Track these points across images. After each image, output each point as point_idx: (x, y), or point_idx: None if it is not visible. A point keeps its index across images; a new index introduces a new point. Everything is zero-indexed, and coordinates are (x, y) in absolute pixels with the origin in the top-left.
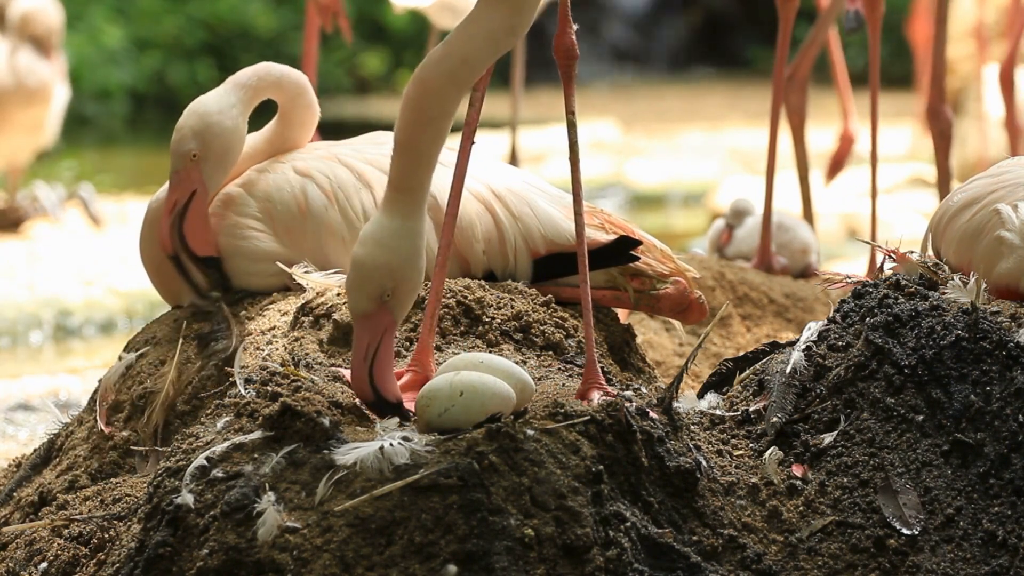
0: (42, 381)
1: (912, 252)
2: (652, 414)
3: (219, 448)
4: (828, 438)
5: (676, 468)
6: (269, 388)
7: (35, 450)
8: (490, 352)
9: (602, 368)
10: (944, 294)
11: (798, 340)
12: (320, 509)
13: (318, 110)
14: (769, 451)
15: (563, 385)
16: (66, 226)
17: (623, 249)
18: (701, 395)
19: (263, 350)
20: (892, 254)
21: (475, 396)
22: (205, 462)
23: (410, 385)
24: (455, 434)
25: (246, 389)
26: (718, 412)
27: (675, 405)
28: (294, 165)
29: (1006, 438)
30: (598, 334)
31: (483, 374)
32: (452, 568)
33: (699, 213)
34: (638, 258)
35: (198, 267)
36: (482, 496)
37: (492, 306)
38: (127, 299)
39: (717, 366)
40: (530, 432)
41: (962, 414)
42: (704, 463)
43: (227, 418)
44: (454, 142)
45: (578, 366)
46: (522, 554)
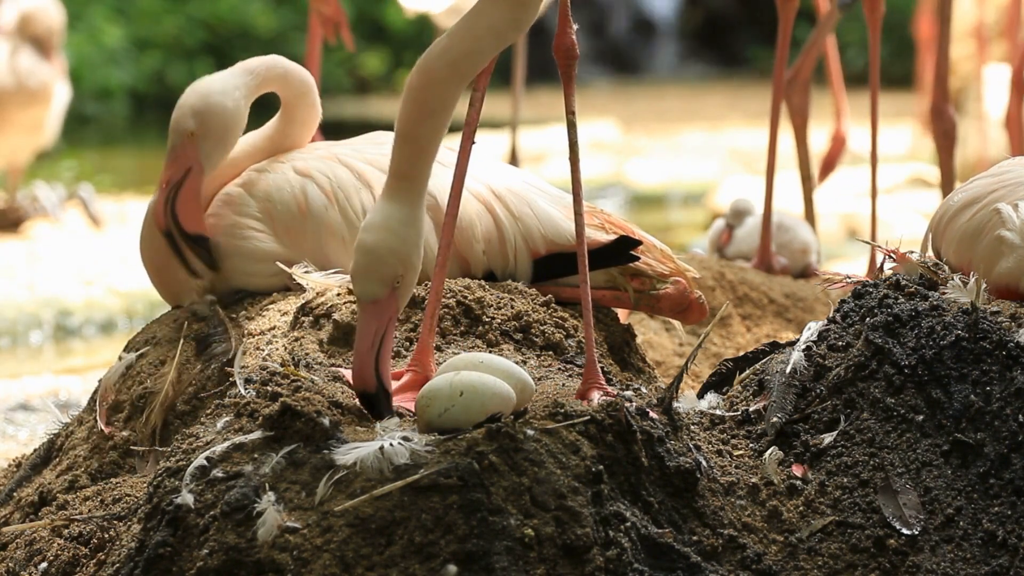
0: (42, 381)
1: (912, 252)
2: (652, 414)
3: (219, 448)
4: (828, 438)
5: (676, 468)
6: (269, 388)
7: (35, 450)
8: (490, 352)
9: (602, 368)
10: (944, 294)
11: (798, 340)
12: (320, 509)
13: (320, 111)
14: (769, 451)
15: (563, 385)
16: (66, 226)
17: (623, 249)
18: (701, 395)
19: (263, 350)
20: (892, 254)
21: (475, 396)
22: (205, 462)
23: (410, 385)
24: (455, 434)
25: (246, 389)
26: (718, 412)
27: (675, 405)
28: (294, 165)
29: (1006, 438)
30: (598, 334)
31: (483, 374)
32: (452, 568)
33: (699, 213)
34: (638, 258)
35: (187, 245)
36: (482, 496)
37: (492, 306)
38: (127, 299)
39: (717, 366)
40: (530, 432)
41: (962, 414)
42: (704, 463)
43: (227, 418)
44: (454, 142)
45: (578, 366)
46: (522, 554)
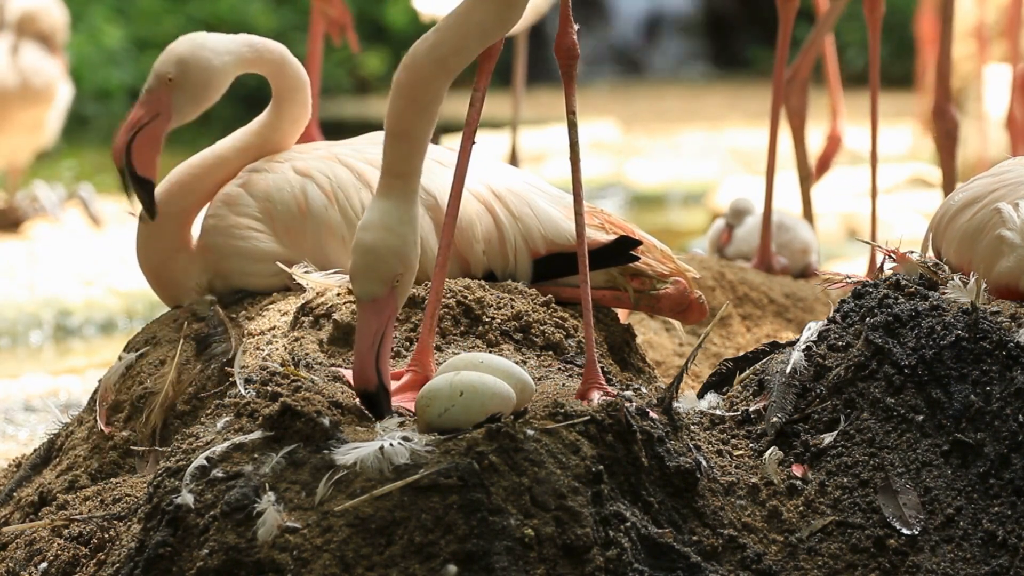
0: (42, 381)
1: (912, 252)
2: (652, 414)
3: (219, 448)
4: (828, 438)
5: (676, 468)
6: (269, 388)
7: (35, 450)
8: (490, 352)
9: (602, 368)
10: (944, 294)
11: (798, 340)
12: (320, 509)
13: (310, 112)
14: (769, 451)
15: (563, 385)
16: (66, 226)
17: (623, 249)
18: (701, 395)
19: (263, 350)
20: (892, 254)
21: (475, 396)
22: (205, 462)
23: (410, 385)
24: (455, 434)
25: (246, 389)
26: (718, 412)
27: (675, 405)
28: (294, 165)
29: (1006, 438)
30: (598, 334)
31: (483, 374)
32: (452, 568)
33: (699, 213)
34: (638, 258)
35: (134, 186)
36: (482, 496)
37: (492, 306)
38: (127, 299)
39: (717, 366)
40: (530, 432)
41: (962, 414)
42: (704, 463)
43: (227, 418)
44: (454, 142)
45: (578, 366)
46: (522, 554)
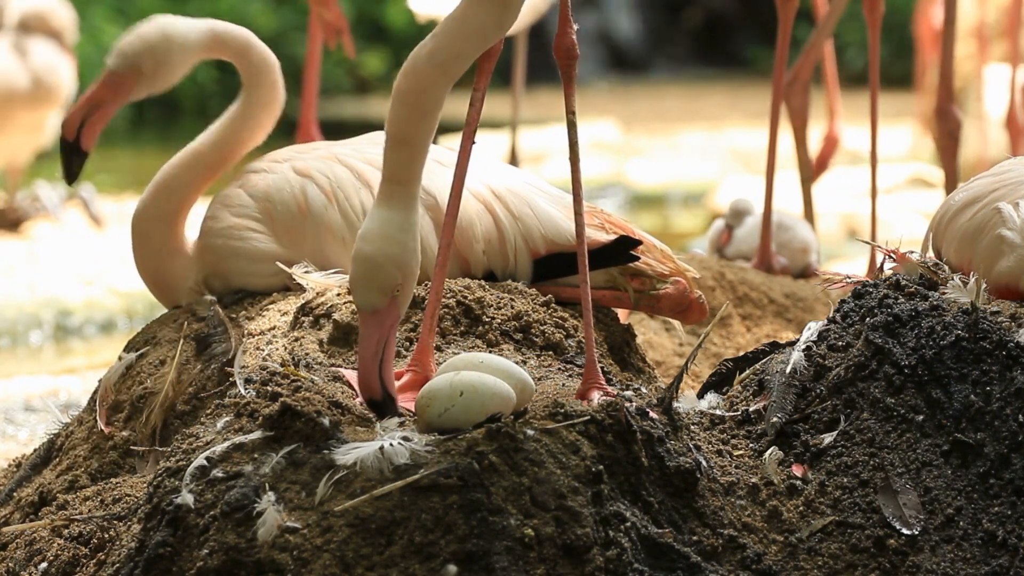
0: (42, 381)
1: (912, 252)
2: (652, 414)
3: (219, 448)
4: (828, 438)
5: (676, 468)
6: (269, 388)
7: (35, 450)
8: (490, 352)
9: (602, 368)
10: (944, 294)
11: (798, 340)
12: (320, 509)
13: (281, 95)
14: (769, 451)
15: (563, 385)
16: (66, 226)
17: (623, 249)
18: (701, 395)
19: (263, 350)
20: (892, 254)
21: (475, 396)
22: (205, 462)
23: (410, 385)
24: (455, 434)
25: (246, 389)
26: (718, 412)
27: (675, 405)
28: (293, 165)
29: (1006, 438)
30: (598, 334)
31: (483, 374)
32: (452, 568)
33: (699, 213)
34: (638, 258)
35: (73, 156)
36: (482, 496)
37: (492, 306)
38: (127, 299)
39: (717, 366)
40: (530, 432)
41: (962, 414)
42: (704, 463)
43: (227, 418)
44: (454, 142)
45: (578, 366)
46: (522, 554)
